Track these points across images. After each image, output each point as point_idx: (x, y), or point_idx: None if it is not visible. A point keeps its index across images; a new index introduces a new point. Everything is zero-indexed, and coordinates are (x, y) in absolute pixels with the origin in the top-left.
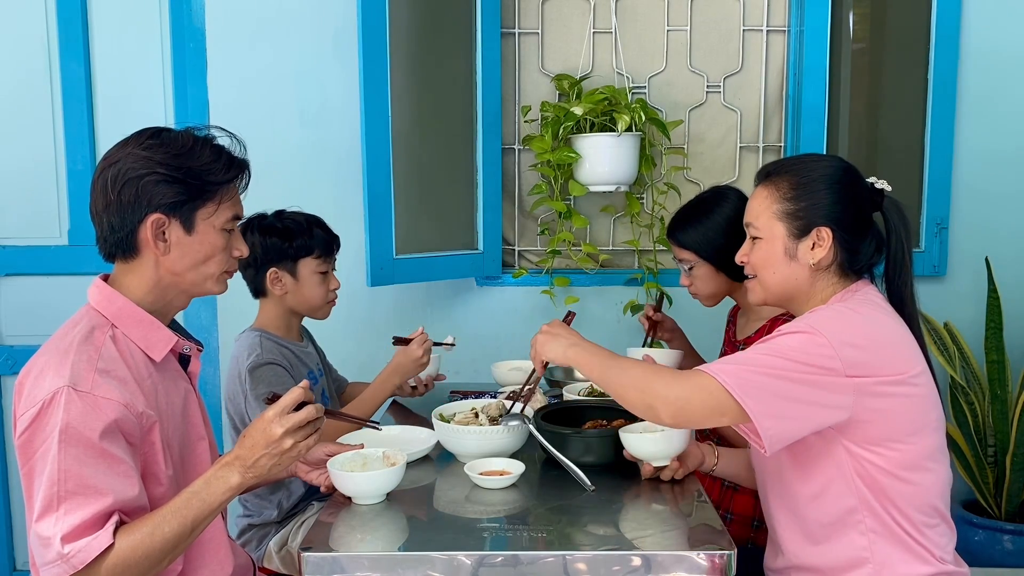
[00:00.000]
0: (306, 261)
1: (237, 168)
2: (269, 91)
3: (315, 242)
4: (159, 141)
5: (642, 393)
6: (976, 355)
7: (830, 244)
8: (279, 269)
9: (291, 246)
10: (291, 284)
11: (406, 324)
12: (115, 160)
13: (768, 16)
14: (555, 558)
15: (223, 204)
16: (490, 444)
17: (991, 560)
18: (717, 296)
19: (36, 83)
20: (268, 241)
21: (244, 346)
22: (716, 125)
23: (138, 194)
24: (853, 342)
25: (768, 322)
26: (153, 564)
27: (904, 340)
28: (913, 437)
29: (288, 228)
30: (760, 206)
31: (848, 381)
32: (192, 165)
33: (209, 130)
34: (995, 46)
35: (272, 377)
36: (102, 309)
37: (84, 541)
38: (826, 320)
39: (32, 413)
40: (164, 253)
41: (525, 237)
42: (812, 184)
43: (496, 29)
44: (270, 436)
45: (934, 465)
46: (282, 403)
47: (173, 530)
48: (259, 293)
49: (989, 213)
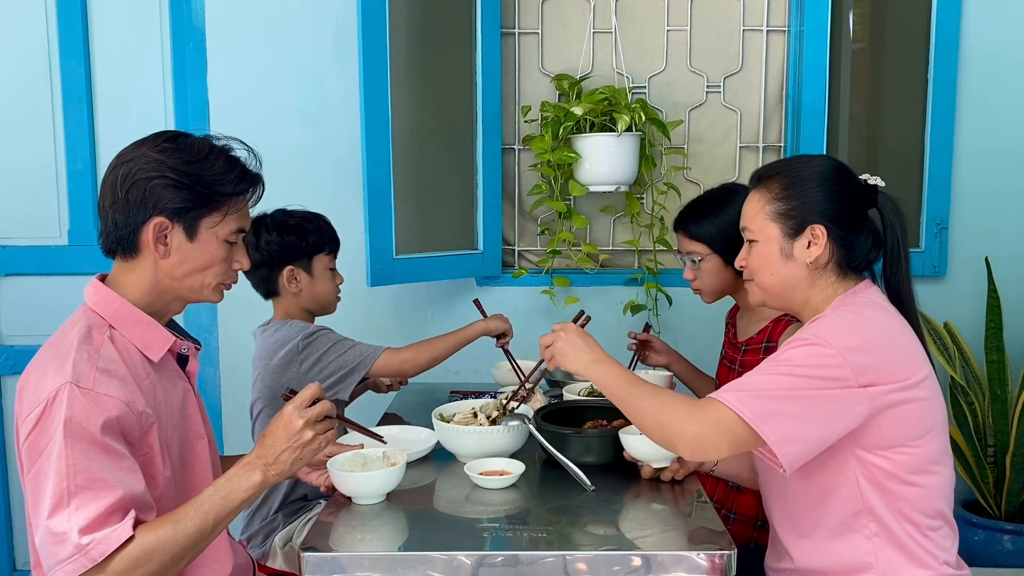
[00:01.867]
0: (320, 257)
1: (249, 182)
2: (269, 91)
3: (326, 238)
4: (174, 145)
5: (661, 429)
6: (976, 355)
7: (825, 241)
8: (296, 267)
9: (307, 243)
10: (306, 281)
11: (406, 324)
12: (128, 159)
13: (768, 16)
14: (555, 558)
15: (229, 216)
16: (490, 444)
17: (991, 560)
18: (720, 292)
19: (36, 83)
20: (286, 239)
21: (290, 329)
22: (716, 125)
23: (145, 195)
24: (860, 347)
25: (771, 323)
26: (173, 561)
27: (910, 342)
28: (920, 440)
29: (302, 226)
30: (753, 209)
31: (862, 392)
32: (203, 173)
33: (227, 141)
34: (995, 46)
35: (332, 334)
36: (99, 310)
37: (103, 533)
38: (830, 328)
39: (36, 413)
40: (163, 256)
41: (525, 237)
42: (803, 183)
43: (496, 29)
44: (291, 429)
45: (938, 468)
46: (300, 397)
47: (195, 526)
48: (272, 293)
49: (989, 213)
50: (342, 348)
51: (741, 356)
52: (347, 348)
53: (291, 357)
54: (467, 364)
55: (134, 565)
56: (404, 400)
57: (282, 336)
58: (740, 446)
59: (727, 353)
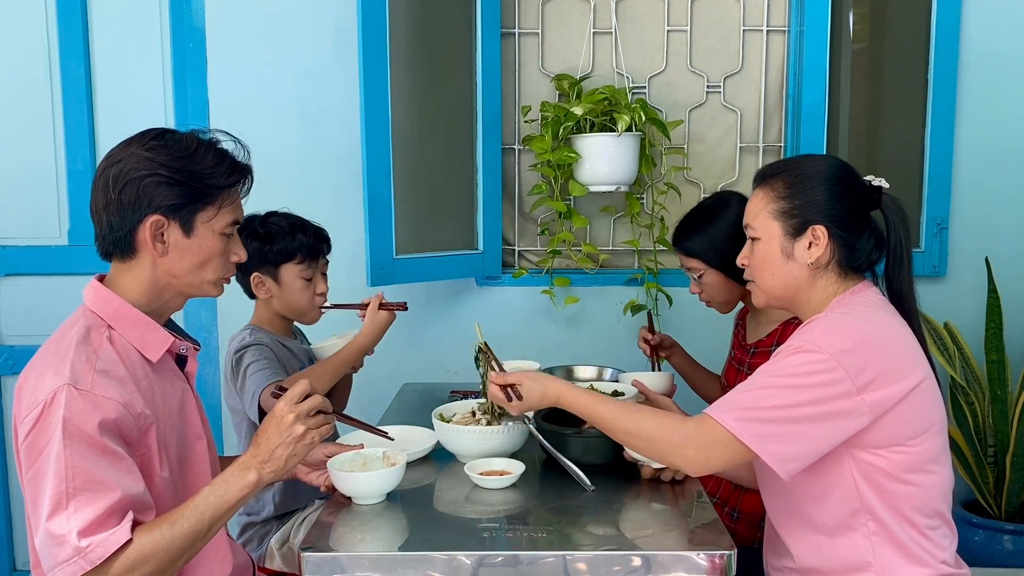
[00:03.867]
0: (288, 266)
1: (239, 173)
2: (269, 91)
3: (296, 247)
4: (163, 142)
5: (662, 456)
6: (976, 355)
7: (826, 242)
8: (261, 273)
9: (271, 250)
10: (275, 288)
11: (406, 324)
12: (117, 159)
13: (768, 16)
14: (555, 558)
15: (223, 208)
16: (490, 444)
17: (991, 560)
18: (731, 302)
19: (36, 84)
20: (249, 245)
21: (236, 339)
22: (716, 125)
23: (139, 195)
24: (852, 348)
25: (780, 325)
26: (171, 561)
27: (907, 340)
28: (918, 440)
29: (269, 232)
30: (757, 207)
31: (861, 402)
32: (194, 168)
33: (213, 133)
34: (995, 46)
35: (256, 355)
36: (98, 310)
37: (102, 536)
38: (822, 333)
39: (35, 414)
40: (162, 255)
41: (525, 237)
42: (806, 182)
43: (496, 29)
44: (283, 424)
45: (937, 467)
46: (290, 393)
47: (191, 526)
48: (250, 294)
49: (989, 213)
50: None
51: (750, 359)
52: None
53: (229, 373)
54: (467, 364)
55: (132, 567)
56: (404, 400)
57: (230, 348)
58: (741, 461)
59: (736, 355)
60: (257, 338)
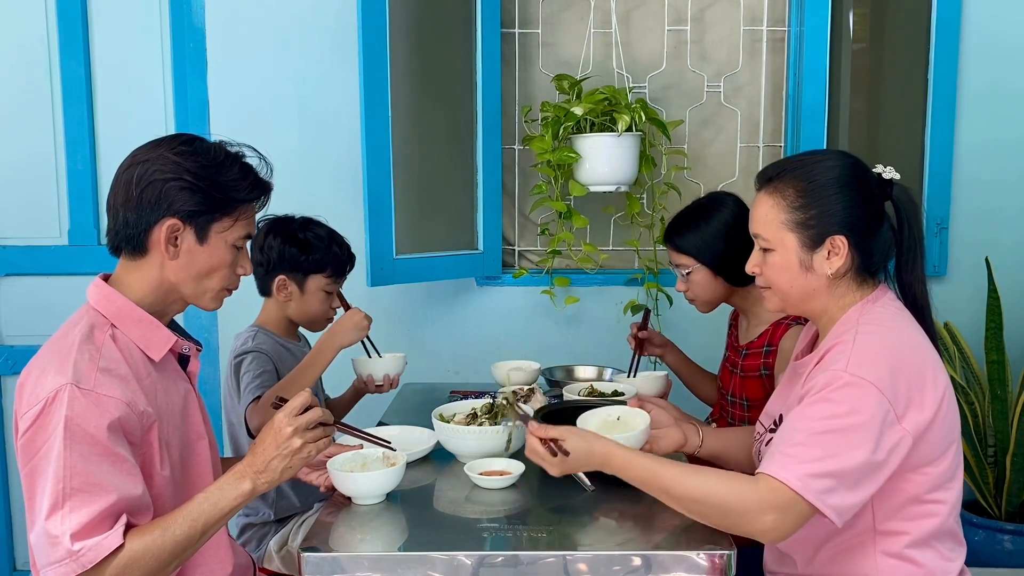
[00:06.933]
0: (316, 277)
1: (261, 190)
2: (269, 91)
3: (329, 260)
4: (191, 149)
5: (735, 526)
6: (976, 355)
7: (846, 252)
8: (288, 278)
9: (307, 260)
10: (296, 294)
11: (406, 324)
12: (144, 159)
13: (768, 16)
14: (555, 558)
15: (239, 221)
16: (490, 444)
17: (991, 560)
18: (714, 302)
19: (36, 83)
20: (287, 249)
21: (239, 340)
22: (716, 125)
23: (160, 196)
24: (890, 374)
25: (771, 326)
26: (161, 567)
27: (930, 353)
28: (941, 458)
29: (308, 241)
30: (767, 216)
31: (904, 432)
32: (219, 178)
33: (240, 147)
34: (995, 47)
35: (251, 365)
36: (101, 308)
37: (94, 540)
38: (860, 363)
39: (35, 412)
40: (172, 258)
41: (525, 237)
42: (820, 189)
43: (496, 29)
44: (280, 437)
45: (952, 483)
46: (290, 405)
47: (184, 532)
48: (265, 293)
49: (989, 213)
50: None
51: (742, 360)
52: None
53: (229, 373)
54: (467, 364)
55: (123, 571)
56: (404, 400)
57: (233, 346)
58: (809, 520)
59: (729, 356)
60: (258, 343)
